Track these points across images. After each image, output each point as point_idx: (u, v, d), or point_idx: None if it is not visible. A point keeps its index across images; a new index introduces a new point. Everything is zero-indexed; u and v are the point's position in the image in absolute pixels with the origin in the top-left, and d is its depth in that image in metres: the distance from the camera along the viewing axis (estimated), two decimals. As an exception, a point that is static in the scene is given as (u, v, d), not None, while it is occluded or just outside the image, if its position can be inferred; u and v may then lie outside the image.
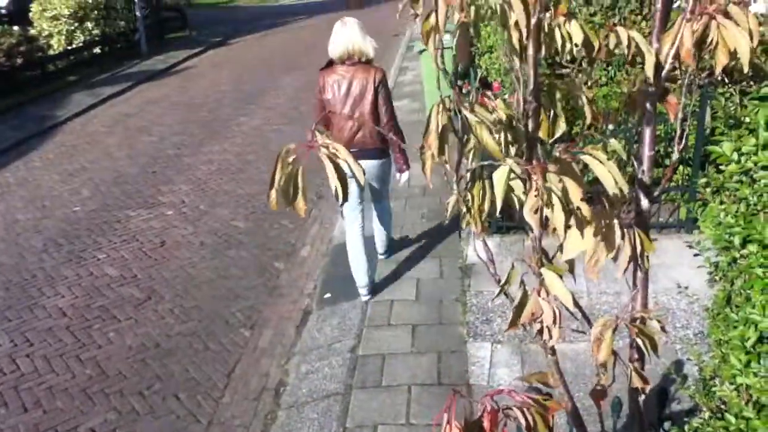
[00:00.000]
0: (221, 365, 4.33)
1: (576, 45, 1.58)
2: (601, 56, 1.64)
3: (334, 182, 1.55)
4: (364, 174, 1.88)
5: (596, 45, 1.60)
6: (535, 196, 1.55)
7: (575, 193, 1.54)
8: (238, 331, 4.69)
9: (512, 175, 1.61)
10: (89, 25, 14.77)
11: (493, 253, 2.06)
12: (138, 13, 16.34)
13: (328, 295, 4.93)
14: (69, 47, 14.44)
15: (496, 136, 1.72)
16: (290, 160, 1.55)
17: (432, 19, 1.46)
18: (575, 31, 1.56)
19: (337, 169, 1.55)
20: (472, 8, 1.51)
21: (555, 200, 1.53)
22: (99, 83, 13.31)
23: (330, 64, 4.53)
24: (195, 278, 5.43)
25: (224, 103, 11.29)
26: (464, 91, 6.87)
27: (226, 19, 22.54)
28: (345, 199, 1.57)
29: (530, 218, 1.56)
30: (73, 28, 14.48)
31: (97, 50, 15.15)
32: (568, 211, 1.56)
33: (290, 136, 8.99)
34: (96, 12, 14.99)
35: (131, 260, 5.80)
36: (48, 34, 14.37)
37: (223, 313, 4.92)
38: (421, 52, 8.12)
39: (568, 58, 1.60)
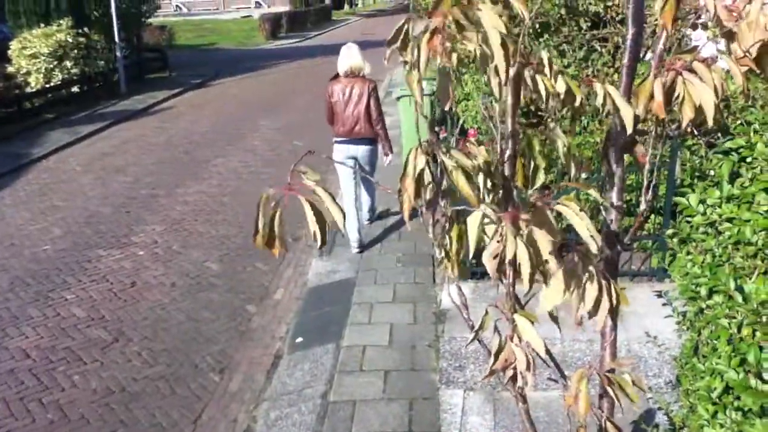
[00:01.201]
0: (188, 410, 4.22)
1: (559, 95, 1.62)
2: (583, 111, 1.68)
3: (312, 227, 1.55)
4: (357, 161, 4.50)
5: (578, 98, 1.64)
6: (498, 242, 1.55)
7: (545, 246, 1.55)
8: (207, 375, 4.60)
9: (486, 220, 1.62)
10: (68, 63, 14.78)
11: (467, 298, 2.06)
12: (118, 53, 16.42)
13: (300, 340, 4.87)
14: (47, 85, 14.42)
15: (477, 181, 1.74)
16: (271, 205, 1.55)
17: (416, 73, 1.49)
18: (560, 84, 1.59)
19: (317, 214, 1.55)
20: (454, 54, 1.54)
21: (522, 250, 1.54)
22: (76, 122, 13.26)
23: (336, 76, 6.03)
24: (165, 320, 5.33)
25: (202, 144, 11.29)
26: (441, 137, 6.97)
27: (206, 61, 22.72)
28: (323, 242, 1.56)
29: (488, 263, 1.56)
30: (51, 66, 14.48)
31: (75, 89, 15.13)
32: (539, 262, 1.57)
33: (267, 178, 9.00)
34: (76, 51, 15.02)
35: (100, 301, 5.69)
36: (26, 72, 14.35)
37: (193, 356, 4.82)
38: (399, 98, 8.23)
39: (557, 109, 1.63)
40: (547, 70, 1.60)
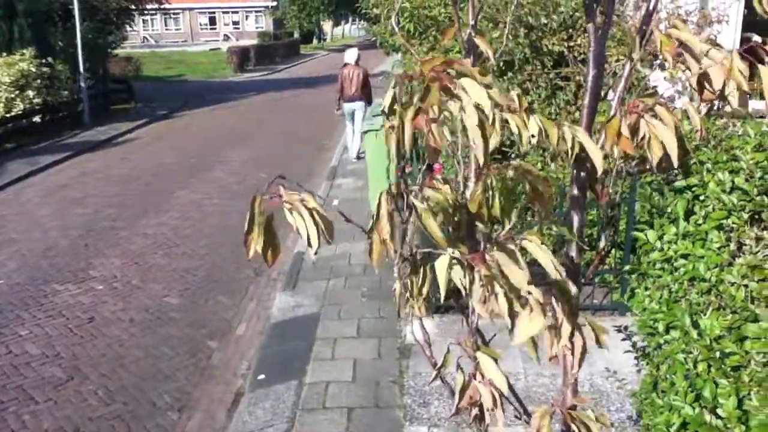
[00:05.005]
0: (144, 452, 4.08)
1: (533, 136, 1.63)
2: (559, 151, 1.70)
3: (305, 231, 1.52)
4: (355, 111, 10.97)
5: (554, 139, 1.66)
6: (481, 286, 1.55)
7: (521, 280, 1.55)
8: (165, 414, 4.46)
9: (453, 261, 1.62)
10: (30, 93, 14.55)
11: (431, 334, 2.05)
12: (82, 84, 16.25)
13: (262, 376, 4.77)
14: (8, 115, 14.14)
15: (440, 218, 1.75)
16: (263, 208, 1.52)
17: (395, 135, 1.52)
18: (533, 125, 1.61)
19: (313, 216, 1.53)
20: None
21: (498, 288, 1.54)
22: (37, 152, 13.01)
23: (345, 65, 10.82)
24: (122, 357, 5.18)
25: (164, 176, 11.16)
26: (407, 171, 7.01)
27: (173, 93, 22.62)
28: (319, 244, 1.54)
29: (480, 309, 1.56)
30: (13, 96, 14.22)
31: (37, 119, 14.88)
32: (515, 296, 1.57)
33: (232, 210, 8.91)
34: (39, 81, 14.82)
35: (55, 337, 5.51)
36: (-14, 101, 14.08)
37: (151, 394, 4.68)
38: (364, 132, 8.28)
39: (526, 148, 1.65)
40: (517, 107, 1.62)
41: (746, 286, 2.22)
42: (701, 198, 2.54)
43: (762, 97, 1.58)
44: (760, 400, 2.00)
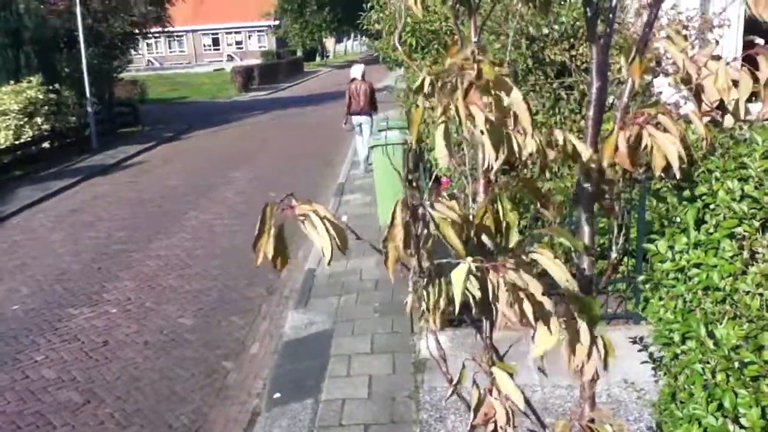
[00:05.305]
0: (163, 474, 4.09)
1: (531, 154, 1.66)
2: (554, 163, 1.72)
3: (325, 238, 1.54)
4: (362, 123, 11.40)
5: (549, 154, 1.68)
6: (507, 290, 1.57)
7: (536, 288, 1.57)
8: (182, 436, 4.47)
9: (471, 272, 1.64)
10: (39, 120, 14.70)
11: (446, 348, 2.05)
12: (89, 109, 16.41)
13: (277, 395, 4.78)
14: (17, 142, 14.29)
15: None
16: (275, 216, 1.53)
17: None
18: (530, 143, 1.64)
19: (325, 225, 1.55)
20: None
21: (522, 295, 1.56)
22: (46, 178, 13.14)
23: (352, 80, 11.38)
24: (138, 379, 5.21)
25: (173, 198, 11.23)
26: (414, 184, 7.02)
27: (179, 115, 22.79)
28: (332, 255, 1.55)
29: (508, 312, 1.57)
30: (21, 123, 14.38)
31: (46, 144, 15.02)
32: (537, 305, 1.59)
33: (240, 230, 8.96)
34: (46, 107, 14.98)
35: (71, 361, 5.54)
36: (-5, 129, 14.24)
37: (167, 416, 4.70)
38: (371, 147, 8.33)
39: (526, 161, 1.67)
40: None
41: (761, 294, 2.23)
42: (711, 207, 2.54)
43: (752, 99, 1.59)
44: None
